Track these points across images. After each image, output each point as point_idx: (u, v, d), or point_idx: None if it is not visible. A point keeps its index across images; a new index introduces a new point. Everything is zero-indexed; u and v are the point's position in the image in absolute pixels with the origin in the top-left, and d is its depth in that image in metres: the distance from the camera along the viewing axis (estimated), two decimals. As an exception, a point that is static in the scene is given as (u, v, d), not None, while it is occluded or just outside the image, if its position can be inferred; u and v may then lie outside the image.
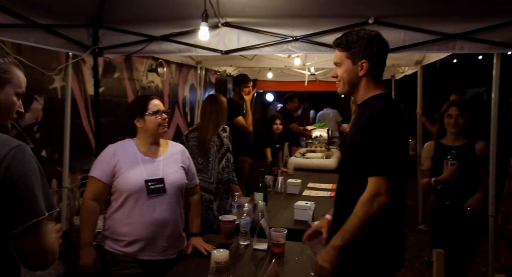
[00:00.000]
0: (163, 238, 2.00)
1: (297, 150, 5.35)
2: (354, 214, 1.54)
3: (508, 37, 2.60)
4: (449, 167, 2.58)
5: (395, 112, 1.61)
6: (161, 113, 2.02)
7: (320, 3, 2.64)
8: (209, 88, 6.31)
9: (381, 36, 1.67)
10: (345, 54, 1.64)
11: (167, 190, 2.00)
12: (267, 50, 2.96)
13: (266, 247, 2.27)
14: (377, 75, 1.68)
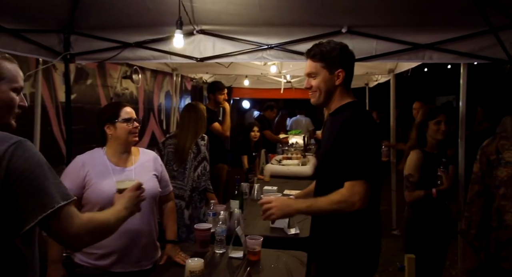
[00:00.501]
0: (137, 248, 1.95)
1: (273, 157, 5.36)
2: (329, 202, 1.58)
3: (473, 48, 2.72)
4: (448, 175, 2.52)
5: (366, 119, 1.65)
6: (133, 121, 1.98)
7: (294, 12, 2.67)
8: (185, 95, 6.27)
9: (348, 47, 1.72)
10: (321, 65, 1.67)
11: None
12: (242, 57, 2.97)
13: (242, 255, 2.26)
14: (349, 84, 1.73)
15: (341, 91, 1.70)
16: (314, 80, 1.69)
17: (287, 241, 2.62)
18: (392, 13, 2.67)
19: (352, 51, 1.72)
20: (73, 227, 1.09)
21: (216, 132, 4.07)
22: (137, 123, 1.99)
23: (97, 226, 1.17)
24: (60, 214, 1.06)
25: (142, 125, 4.84)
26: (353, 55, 1.72)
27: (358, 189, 1.53)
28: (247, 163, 4.48)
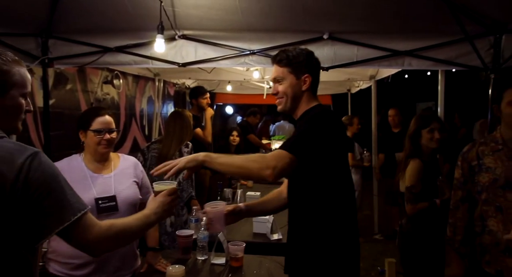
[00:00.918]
0: (116, 257, 1.89)
1: (256, 163, 5.35)
2: (245, 158, 1.50)
3: (450, 55, 2.79)
4: (448, 185, 2.35)
5: (332, 115, 1.62)
6: (104, 133, 1.89)
7: (276, 18, 2.69)
8: (167, 100, 6.22)
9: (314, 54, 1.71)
10: (288, 69, 1.65)
11: (120, 207, 1.89)
12: (224, 63, 2.97)
13: (224, 261, 2.25)
14: (315, 89, 1.71)
15: (307, 96, 1.68)
16: (281, 85, 1.67)
17: (270, 246, 2.62)
18: (373, 20, 2.71)
19: (317, 58, 1.71)
20: (92, 235, 1.10)
21: (198, 138, 4.05)
22: (109, 135, 1.90)
23: (118, 232, 1.18)
24: (77, 225, 1.08)
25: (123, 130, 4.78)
26: (318, 62, 1.72)
27: (280, 156, 1.43)
28: None
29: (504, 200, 1.86)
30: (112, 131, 1.93)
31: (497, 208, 1.89)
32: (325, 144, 1.53)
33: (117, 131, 1.98)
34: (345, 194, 1.64)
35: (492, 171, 1.91)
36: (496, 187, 1.89)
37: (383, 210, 5.26)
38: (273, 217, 2.78)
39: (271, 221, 2.75)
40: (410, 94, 12.35)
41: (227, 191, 3.76)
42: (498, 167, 1.89)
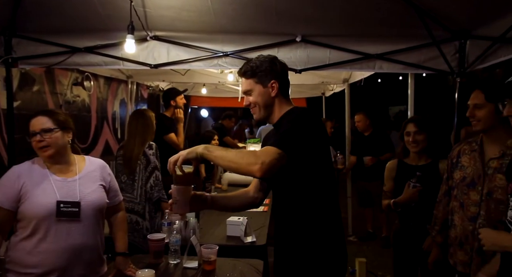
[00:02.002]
0: (81, 265, 1.81)
1: (232, 166, 5.33)
2: (238, 152, 1.51)
3: (419, 59, 2.87)
4: (410, 190, 2.35)
5: (313, 114, 1.64)
6: (36, 135, 1.77)
7: (249, 20, 2.69)
8: (141, 103, 6.12)
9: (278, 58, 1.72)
10: (254, 80, 1.66)
11: (85, 212, 1.81)
12: (197, 65, 2.94)
13: (197, 264, 2.21)
14: (286, 93, 1.72)
15: (279, 101, 1.69)
16: (251, 96, 1.68)
17: (244, 249, 2.59)
18: (345, 24, 2.76)
19: (284, 62, 1.72)
20: None
21: (172, 143, 3.98)
22: (43, 137, 1.76)
23: None
24: None
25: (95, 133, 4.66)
26: (284, 65, 1.71)
27: (269, 152, 1.43)
28: (204, 171, 4.42)
29: (467, 198, 1.95)
30: (46, 131, 1.78)
31: (461, 205, 1.99)
32: (310, 141, 1.55)
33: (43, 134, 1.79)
34: (330, 192, 1.66)
35: (464, 170, 2.00)
36: (464, 185, 1.98)
37: (357, 212, 5.34)
38: (246, 219, 2.77)
39: (245, 224, 2.74)
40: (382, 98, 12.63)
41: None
42: (470, 166, 1.97)
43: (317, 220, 1.62)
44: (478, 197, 1.89)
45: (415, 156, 2.51)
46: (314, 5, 2.52)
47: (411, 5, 2.42)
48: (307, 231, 1.63)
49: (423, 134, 2.45)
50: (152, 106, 6.50)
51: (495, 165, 1.85)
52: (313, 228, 1.63)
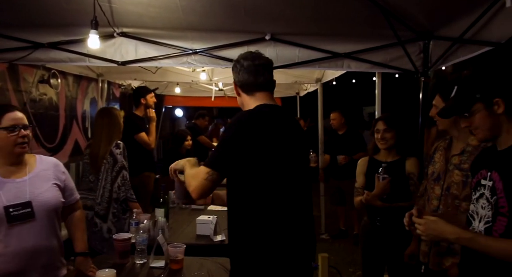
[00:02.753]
0: (36, 269, 1.73)
1: (205, 165, 5.30)
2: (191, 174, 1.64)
3: (385, 58, 2.93)
4: (381, 182, 2.39)
5: (249, 116, 1.61)
6: (19, 130, 1.70)
7: (217, 18, 2.67)
8: (112, 102, 5.99)
9: (249, 56, 1.70)
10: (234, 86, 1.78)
11: (37, 214, 1.73)
12: (166, 62, 2.91)
13: (164, 264, 2.19)
14: (250, 89, 1.70)
15: (245, 100, 1.71)
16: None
17: (213, 248, 2.58)
18: (313, 23, 2.78)
19: (252, 56, 1.70)
20: None
21: (143, 143, 3.93)
22: (25, 132, 1.72)
23: None
24: None
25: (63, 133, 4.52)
26: (241, 63, 1.68)
27: (197, 174, 1.56)
28: None
29: (432, 192, 2.02)
30: (27, 127, 1.75)
31: (428, 198, 2.03)
32: (240, 152, 1.53)
33: (27, 128, 1.76)
34: (271, 197, 1.58)
35: (434, 165, 2.06)
36: (432, 180, 2.04)
37: (329, 210, 5.41)
38: (216, 218, 2.76)
39: (215, 223, 2.73)
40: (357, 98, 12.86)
41: (172, 194, 3.68)
42: (439, 162, 2.03)
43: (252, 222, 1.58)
44: (440, 192, 1.96)
45: (385, 153, 2.57)
46: (282, 3, 2.53)
47: (377, 5, 2.47)
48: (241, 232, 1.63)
49: (391, 132, 2.50)
50: (124, 105, 6.38)
51: (455, 161, 1.91)
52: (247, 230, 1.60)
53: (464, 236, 1.34)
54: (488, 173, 1.39)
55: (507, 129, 1.35)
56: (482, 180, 1.41)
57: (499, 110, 1.34)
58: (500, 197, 1.30)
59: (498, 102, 1.33)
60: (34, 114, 3.75)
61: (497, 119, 1.35)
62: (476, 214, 1.42)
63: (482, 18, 2.19)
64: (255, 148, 1.54)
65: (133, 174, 3.06)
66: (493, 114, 1.35)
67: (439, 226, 1.39)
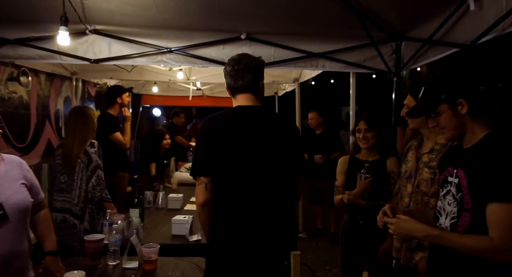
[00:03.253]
0: (10, 274, 1.66)
1: (183, 165, 5.26)
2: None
3: (359, 58, 2.99)
4: (363, 181, 2.41)
5: (214, 118, 1.78)
6: None
7: (192, 16, 2.66)
8: (87, 101, 5.85)
9: (231, 61, 1.80)
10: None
11: (10, 216, 1.66)
12: (141, 60, 2.88)
13: (137, 265, 2.16)
14: (232, 92, 1.86)
15: (233, 101, 1.88)
16: None
17: (189, 248, 2.57)
18: (288, 22, 2.80)
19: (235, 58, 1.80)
20: None
21: (118, 142, 3.87)
22: None
23: None
24: None
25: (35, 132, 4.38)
26: (231, 64, 1.79)
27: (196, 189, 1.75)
28: (155, 170, 4.33)
29: (404, 189, 2.07)
30: None
31: (401, 196, 2.07)
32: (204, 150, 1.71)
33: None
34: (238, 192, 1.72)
35: (407, 164, 2.10)
36: (405, 178, 2.08)
37: (306, 209, 5.45)
38: (192, 217, 2.74)
39: (190, 222, 2.71)
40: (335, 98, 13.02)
41: (148, 194, 3.64)
42: (411, 160, 2.07)
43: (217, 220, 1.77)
44: (411, 189, 2.00)
45: (366, 152, 2.59)
46: (256, 3, 2.54)
47: (350, 6, 2.50)
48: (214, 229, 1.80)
49: (373, 132, 2.52)
50: (100, 105, 6.25)
51: (425, 159, 1.96)
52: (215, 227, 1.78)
53: (431, 234, 1.38)
54: (454, 171, 1.43)
55: (471, 129, 1.39)
56: (449, 177, 1.45)
57: (463, 111, 1.38)
58: (465, 193, 1.34)
59: (462, 103, 1.37)
60: (2, 113, 3.63)
61: (461, 119, 1.39)
62: (443, 210, 1.46)
63: (449, 20, 2.26)
64: (225, 149, 1.71)
65: (107, 174, 3.01)
66: (457, 114, 1.39)
67: (409, 225, 1.43)
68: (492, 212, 1.26)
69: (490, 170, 1.28)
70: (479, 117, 1.39)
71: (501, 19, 1.82)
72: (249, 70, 1.77)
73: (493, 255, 1.25)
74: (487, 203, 1.27)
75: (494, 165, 1.28)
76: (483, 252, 1.27)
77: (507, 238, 1.23)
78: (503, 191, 1.24)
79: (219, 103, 7.32)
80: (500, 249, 1.23)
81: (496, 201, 1.25)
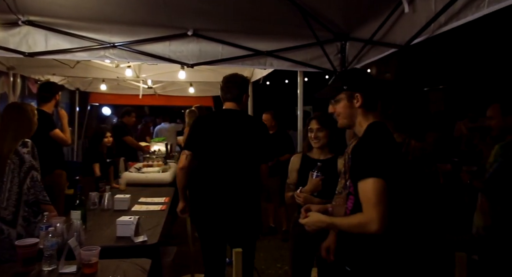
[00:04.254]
0: None
1: (133, 165, 5.10)
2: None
3: (306, 57, 3.05)
4: (314, 179, 2.44)
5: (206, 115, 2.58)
6: None
7: (136, 10, 2.57)
8: (29, 99, 5.52)
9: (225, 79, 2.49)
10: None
11: None
12: (82, 55, 2.75)
13: (75, 269, 2.05)
14: (223, 100, 2.52)
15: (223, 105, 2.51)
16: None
17: (135, 249, 2.48)
18: (236, 20, 2.80)
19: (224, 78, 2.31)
20: None
21: (60, 139, 3.67)
22: None
23: None
24: None
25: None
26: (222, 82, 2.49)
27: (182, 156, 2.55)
28: (99, 171, 4.15)
29: (340, 187, 2.09)
30: None
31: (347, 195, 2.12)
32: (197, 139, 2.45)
33: None
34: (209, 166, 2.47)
35: (342, 162, 2.14)
36: (341, 176, 2.11)
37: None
38: (138, 218, 2.66)
39: (135, 223, 2.62)
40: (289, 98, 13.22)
41: (93, 195, 3.48)
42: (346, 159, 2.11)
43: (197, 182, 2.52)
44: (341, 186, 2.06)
45: (318, 151, 2.61)
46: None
47: (296, 5, 2.54)
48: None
49: (324, 131, 2.55)
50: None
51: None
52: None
53: (328, 222, 1.57)
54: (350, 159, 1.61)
55: (359, 121, 1.59)
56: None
57: (357, 104, 1.57)
58: (348, 178, 1.58)
59: (358, 97, 1.57)
60: None
61: (355, 111, 1.59)
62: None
63: (386, 22, 2.36)
64: (203, 137, 2.45)
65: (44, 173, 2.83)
66: (352, 106, 1.59)
67: (314, 219, 1.62)
68: (359, 191, 1.45)
69: (355, 155, 1.51)
70: (369, 112, 1.58)
71: (431, 21, 1.93)
72: (236, 87, 2.49)
73: (365, 227, 1.41)
74: (357, 183, 1.46)
75: (357, 150, 1.50)
76: (359, 227, 1.44)
77: (370, 209, 1.40)
78: (361, 170, 1.45)
79: (171, 102, 7.19)
80: (367, 220, 1.40)
81: (358, 180, 1.45)
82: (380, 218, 1.37)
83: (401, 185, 1.51)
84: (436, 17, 1.89)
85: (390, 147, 1.51)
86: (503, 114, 2.45)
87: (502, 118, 2.45)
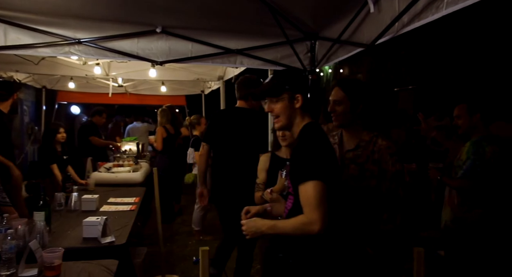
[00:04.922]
0: None
1: (102, 165, 4.99)
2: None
3: (276, 56, 3.06)
4: (283, 179, 2.39)
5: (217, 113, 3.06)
6: None
7: (103, 6, 2.50)
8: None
9: (237, 80, 2.93)
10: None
11: None
12: (45, 51, 2.65)
13: (36, 272, 1.98)
14: (237, 98, 3.01)
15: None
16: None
17: (101, 250, 2.42)
18: (205, 17, 2.77)
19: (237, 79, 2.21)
20: None
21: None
22: None
23: None
24: None
25: None
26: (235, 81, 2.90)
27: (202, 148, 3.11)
28: (58, 171, 4.00)
29: None
30: None
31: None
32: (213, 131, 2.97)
33: None
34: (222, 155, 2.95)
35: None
36: None
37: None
38: (105, 219, 2.59)
39: (103, 223, 2.56)
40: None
41: (59, 196, 3.37)
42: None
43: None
44: None
45: (286, 150, 2.61)
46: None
47: (266, 4, 2.54)
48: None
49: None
50: (7, 101, 5.68)
51: (350, 156, 2.00)
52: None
53: (270, 225, 1.57)
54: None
55: (298, 123, 1.60)
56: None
57: (297, 105, 1.58)
58: (288, 179, 1.60)
59: (298, 98, 1.57)
60: None
61: (294, 112, 1.59)
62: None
63: (353, 21, 2.40)
64: (218, 129, 2.93)
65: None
66: (292, 107, 1.59)
67: (256, 223, 1.61)
68: (300, 194, 1.47)
69: (293, 158, 1.54)
70: (306, 113, 1.60)
71: (395, 20, 1.97)
72: (243, 87, 2.91)
73: (307, 229, 1.44)
74: (297, 186, 1.48)
75: (295, 153, 1.53)
76: (301, 229, 1.46)
77: (311, 211, 1.42)
78: (300, 173, 1.47)
79: (143, 101, 7.06)
80: (309, 222, 1.43)
81: (299, 184, 1.46)
82: (321, 220, 1.41)
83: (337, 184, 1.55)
84: (399, 17, 1.94)
85: (325, 148, 1.53)
86: (470, 114, 2.56)
87: (468, 117, 2.56)
